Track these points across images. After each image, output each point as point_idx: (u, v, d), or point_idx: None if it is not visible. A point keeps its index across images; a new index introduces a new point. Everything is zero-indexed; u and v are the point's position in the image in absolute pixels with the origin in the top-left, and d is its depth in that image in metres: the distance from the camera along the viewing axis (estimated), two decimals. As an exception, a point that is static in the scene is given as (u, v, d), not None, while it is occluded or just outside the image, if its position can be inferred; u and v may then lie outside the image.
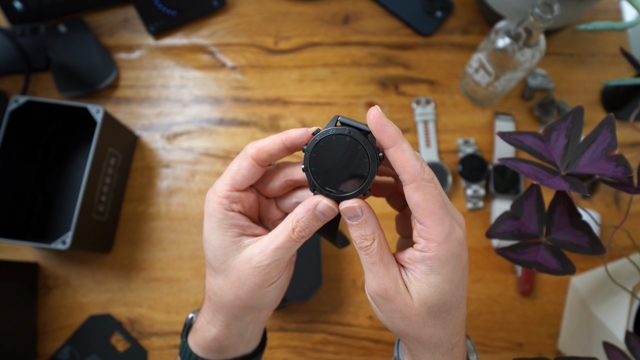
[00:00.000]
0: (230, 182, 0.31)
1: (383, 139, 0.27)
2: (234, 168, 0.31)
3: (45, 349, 0.59)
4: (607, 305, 0.52)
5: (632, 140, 0.69)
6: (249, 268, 0.30)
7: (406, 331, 0.30)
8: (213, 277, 0.33)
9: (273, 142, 0.31)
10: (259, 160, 0.31)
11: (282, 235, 0.30)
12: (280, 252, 0.30)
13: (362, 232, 0.29)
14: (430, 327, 0.29)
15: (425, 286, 0.29)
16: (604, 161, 0.36)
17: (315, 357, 0.60)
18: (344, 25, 0.73)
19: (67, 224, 0.62)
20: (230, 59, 0.71)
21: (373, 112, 0.27)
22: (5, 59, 0.68)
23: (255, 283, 0.31)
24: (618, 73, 0.71)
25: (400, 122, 0.68)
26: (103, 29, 0.71)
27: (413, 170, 0.27)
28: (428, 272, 0.28)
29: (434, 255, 0.28)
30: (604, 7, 0.75)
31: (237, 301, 0.32)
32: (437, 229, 0.28)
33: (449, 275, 0.29)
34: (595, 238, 0.38)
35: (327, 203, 0.30)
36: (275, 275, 0.31)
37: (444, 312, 0.29)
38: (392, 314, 0.30)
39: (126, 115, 0.68)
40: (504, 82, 0.61)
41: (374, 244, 0.29)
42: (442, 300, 0.29)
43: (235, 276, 0.31)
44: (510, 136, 0.40)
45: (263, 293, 0.32)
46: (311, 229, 0.30)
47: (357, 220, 0.29)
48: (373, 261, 0.29)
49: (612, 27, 0.43)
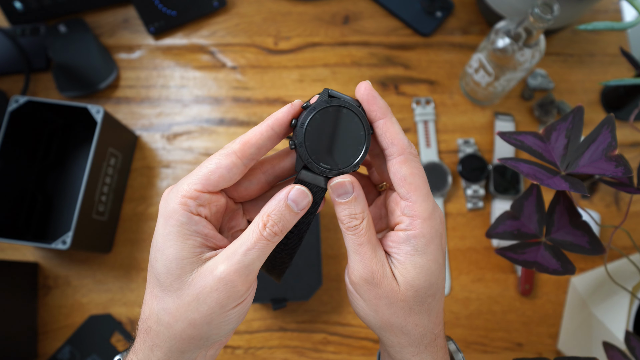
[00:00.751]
0: (202, 182, 0.26)
1: (374, 111, 0.27)
2: (211, 166, 0.27)
3: (46, 349, 0.59)
4: (607, 305, 0.52)
5: (632, 140, 0.69)
6: (212, 280, 0.25)
7: (391, 321, 0.28)
8: (159, 299, 0.27)
9: (259, 130, 0.27)
10: (244, 157, 0.27)
11: (253, 235, 0.26)
12: (251, 254, 0.26)
13: (352, 210, 0.27)
14: (416, 313, 0.28)
15: (410, 268, 0.27)
16: (604, 161, 0.36)
17: (315, 357, 0.60)
18: (344, 25, 0.73)
19: (67, 224, 0.62)
20: (230, 59, 0.71)
21: (364, 85, 0.27)
22: (5, 59, 0.68)
23: (218, 301, 0.25)
24: (618, 73, 0.71)
25: (401, 122, 0.68)
26: (103, 29, 0.71)
27: (402, 143, 0.27)
28: (413, 252, 0.27)
29: (418, 233, 0.27)
30: (603, 7, 0.75)
31: (189, 329, 0.26)
32: (423, 205, 0.27)
33: (434, 254, 0.27)
34: (595, 238, 0.38)
35: (300, 188, 0.27)
36: (242, 292, 0.26)
37: (430, 297, 0.28)
38: (378, 300, 0.28)
39: (126, 115, 0.68)
40: (503, 82, 0.61)
41: (362, 223, 0.27)
42: (428, 282, 0.27)
43: (192, 295, 0.26)
44: (510, 136, 0.40)
45: (224, 318, 0.26)
46: (284, 223, 0.27)
47: (347, 197, 0.27)
48: (361, 242, 0.27)
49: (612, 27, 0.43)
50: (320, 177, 0.28)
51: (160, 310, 0.26)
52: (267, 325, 0.61)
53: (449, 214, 0.65)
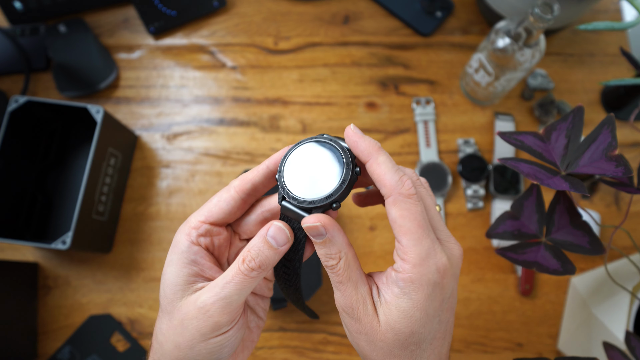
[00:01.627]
0: (204, 214, 0.29)
1: (358, 155, 0.27)
2: (214, 200, 0.29)
3: (45, 349, 0.59)
4: (607, 305, 0.52)
5: (632, 140, 0.69)
6: (193, 309, 0.27)
7: (370, 356, 0.28)
8: (159, 319, 0.29)
9: (257, 169, 0.29)
10: (241, 192, 0.29)
11: (232, 270, 0.27)
12: (228, 288, 0.27)
13: (327, 250, 0.27)
14: (396, 357, 0.27)
15: (394, 309, 0.26)
16: (604, 161, 0.36)
17: (315, 357, 0.60)
18: (344, 25, 0.73)
19: (67, 224, 0.62)
20: (230, 59, 0.71)
21: (347, 130, 0.27)
22: (5, 59, 0.68)
23: (198, 329, 0.27)
24: (618, 73, 0.71)
25: (400, 122, 0.68)
26: (103, 29, 0.71)
27: (389, 184, 0.26)
28: (399, 294, 0.26)
29: (407, 278, 0.26)
30: (603, 7, 0.75)
31: (176, 351, 0.27)
32: (413, 249, 0.26)
33: (422, 303, 0.26)
34: (595, 238, 0.38)
35: (278, 225, 0.28)
36: (224, 324, 0.27)
37: (413, 345, 0.26)
38: (358, 335, 0.27)
39: (126, 115, 0.68)
40: (503, 82, 0.61)
41: (340, 262, 0.27)
42: (409, 330, 0.26)
43: (178, 320, 0.27)
44: (510, 136, 0.40)
45: (206, 345, 0.27)
46: (262, 259, 0.27)
47: (322, 238, 0.27)
48: (340, 280, 0.27)
49: (612, 27, 0.43)
50: (301, 212, 0.28)
51: (157, 329, 0.29)
52: (267, 325, 0.61)
53: (449, 214, 0.65)
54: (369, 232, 0.64)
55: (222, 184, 0.65)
